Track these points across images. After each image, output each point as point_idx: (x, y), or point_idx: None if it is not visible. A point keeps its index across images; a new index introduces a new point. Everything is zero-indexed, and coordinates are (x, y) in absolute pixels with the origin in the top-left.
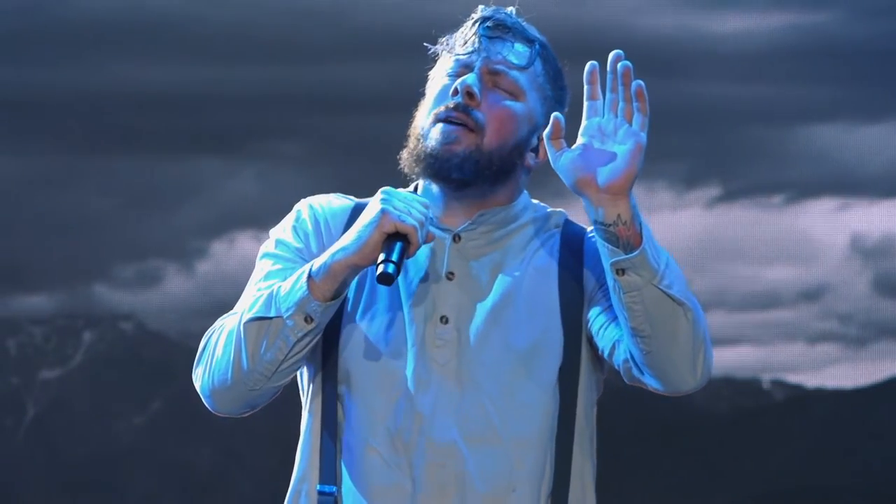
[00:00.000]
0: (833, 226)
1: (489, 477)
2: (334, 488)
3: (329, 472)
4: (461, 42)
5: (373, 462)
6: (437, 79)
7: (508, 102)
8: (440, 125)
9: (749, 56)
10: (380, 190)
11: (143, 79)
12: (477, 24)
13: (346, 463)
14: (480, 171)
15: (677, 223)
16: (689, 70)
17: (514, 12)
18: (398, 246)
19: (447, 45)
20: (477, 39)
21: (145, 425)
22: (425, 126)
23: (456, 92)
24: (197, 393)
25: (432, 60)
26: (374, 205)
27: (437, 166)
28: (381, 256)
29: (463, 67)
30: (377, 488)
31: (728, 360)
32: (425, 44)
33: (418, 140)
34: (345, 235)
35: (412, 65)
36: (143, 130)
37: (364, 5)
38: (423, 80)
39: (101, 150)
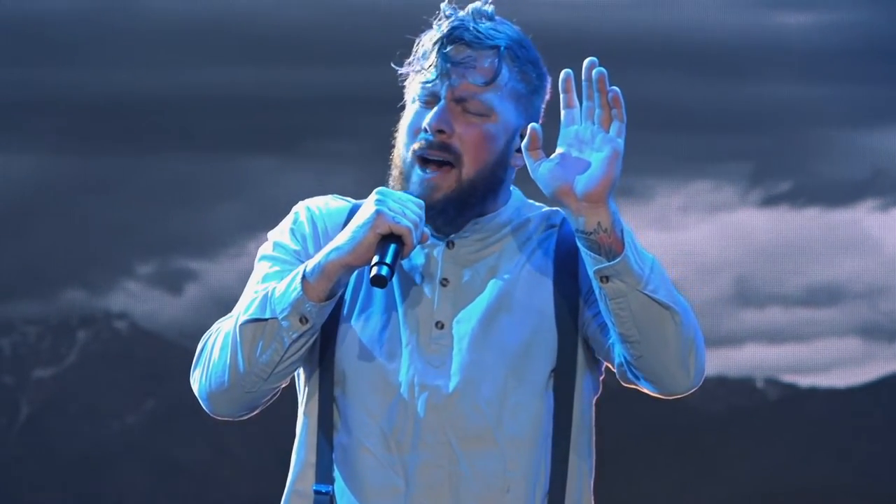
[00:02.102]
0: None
1: (483, 478)
2: (330, 487)
3: (325, 472)
4: (426, 65)
5: (367, 462)
6: (410, 103)
7: (480, 125)
8: (418, 169)
9: (815, 56)
10: (375, 190)
11: (200, 80)
12: (437, 47)
13: (341, 463)
14: (463, 204)
15: (741, 221)
16: (756, 70)
17: (475, 11)
18: (392, 248)
19: (413, 65)
20: (439, 64)
21: (139, 424)
22: (406, 160)
23: (426, 130)
24: (191, 392)
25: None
26: (368, 205)
27: (424, 214)
28: (375, 258)
29: (430, 96)
30: (371, 488)
31: (778, 355)
32: (392, 65)
33: (402, 176)
34: (339, 235)
35: None
36: (198, 130)
37: (422, 6)
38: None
39: (156, 150)
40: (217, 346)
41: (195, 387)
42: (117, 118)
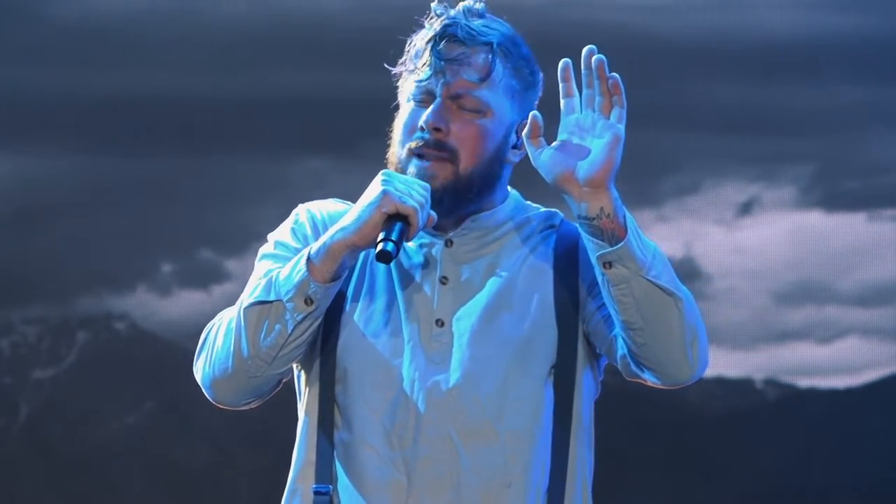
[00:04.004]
0: None
1: (484, 472)
2: (329, 487)
3: (325, 471)
4: (420, 64)
5: (369, 458)
6: (404, 103)
7: (476, 121)
8: (415, 161)
9: (875, 58)
10: (381, 172)
11: (256, 82)
12: (430, 45)
13: (343, 460)
14: (460, 197)
15: (803, 222)
16: (817, 72)
17: (466, 9)
18: (398, 226)
19: (406, 64)
20: (433, 62)
21: (138, 425)
22: (402, 158)
23: (423, 129)
24: (190, 393)
25: (400, 62)
26: (374, 186)
27: None
28: (381, 235)
29: (425, 94)
30: (373, 484)
31: (831, 355)
32: (385, 65)
33: (399, 172)
34: (345, 216)
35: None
36: (260, 131)
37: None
38: (550, 84)
39: (206, 151)
40: (221, 332)
41: (198, 375)
42: (164, 119)
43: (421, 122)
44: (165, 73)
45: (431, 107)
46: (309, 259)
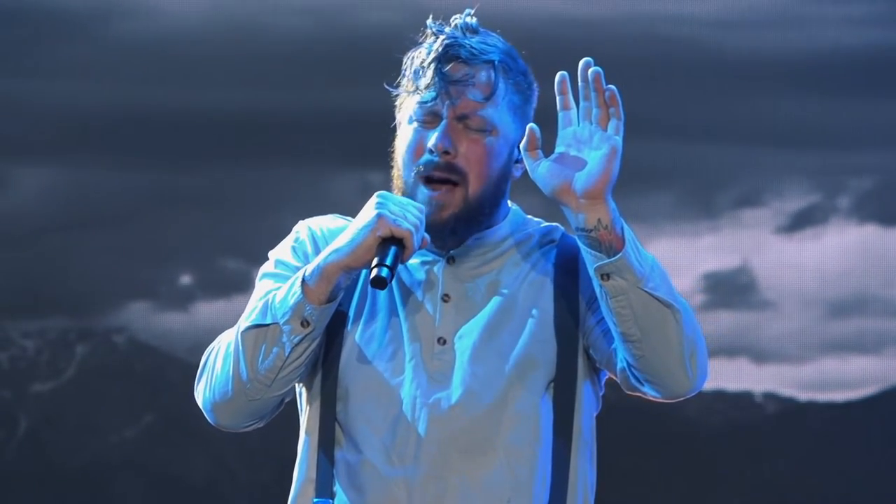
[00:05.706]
0: None
1: (485, 488)
2: (329, 501)
3: (326, 489)
4: (423, 85)
5: (369, 476)
6: (405, 123)
7: (483, 141)
8: (423, 188)
9: None
10: (375, 193)
11: (313, 97)
12: (434, 66)
13: (343, 477)
14: (472, 222)
15: (858, 237)
16: (879, 86)
17: (462, 26)
18: (392, 250)
19: (406, 84)
20: (437, 83)
21: (137, 438)
22: (409, 181)
23: (432, 151)
24: (190, 406)
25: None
26: (369, 208)
27: (432, 233)
28: (376, 260)
29: (430, 115)
30: (373, 501)
31: (867, 367)
32: (385, 85)
33: (407, 196)
34: (339, 238)
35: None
36: (307, 147)
37: (529, 29)
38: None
39: (261, 165)
40: (220, 356)
41: (199, 399)
42: (212, 133)
43: (430, 145)
44: (218, 89)
45: (439, 129)
46: (304, 281)
